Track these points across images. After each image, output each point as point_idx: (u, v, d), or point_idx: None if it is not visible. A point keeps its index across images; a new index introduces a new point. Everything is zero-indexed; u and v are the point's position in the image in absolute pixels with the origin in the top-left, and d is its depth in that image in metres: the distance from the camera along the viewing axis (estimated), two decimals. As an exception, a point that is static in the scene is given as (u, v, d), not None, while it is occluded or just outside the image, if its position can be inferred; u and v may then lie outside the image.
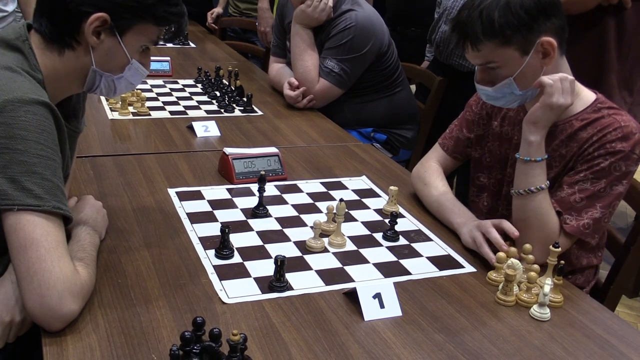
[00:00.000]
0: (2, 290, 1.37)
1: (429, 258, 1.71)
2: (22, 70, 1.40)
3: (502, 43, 1.66)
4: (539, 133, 1.69)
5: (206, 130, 2.51)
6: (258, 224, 1.81)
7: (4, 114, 1.29)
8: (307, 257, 1.66)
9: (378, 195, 2.07)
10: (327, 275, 1.58)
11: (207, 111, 2.80)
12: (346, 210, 1.74)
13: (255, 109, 2.88)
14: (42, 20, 1.45)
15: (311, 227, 1.77)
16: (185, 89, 3.13)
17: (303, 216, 1.88)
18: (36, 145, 1.31)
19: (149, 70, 1.61)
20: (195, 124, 2.51)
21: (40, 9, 1.46)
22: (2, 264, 1.44)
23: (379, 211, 1.96)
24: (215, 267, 1.57)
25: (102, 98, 2.79)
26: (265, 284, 1.51)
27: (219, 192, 1.99)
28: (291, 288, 1.51)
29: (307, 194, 2.04)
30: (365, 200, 2.03)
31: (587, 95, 1.79)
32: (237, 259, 1.61)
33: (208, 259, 1.60)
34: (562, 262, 1.53)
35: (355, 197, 2.05)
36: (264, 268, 1.58)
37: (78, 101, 1.67)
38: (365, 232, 1.82)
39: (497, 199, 1.99)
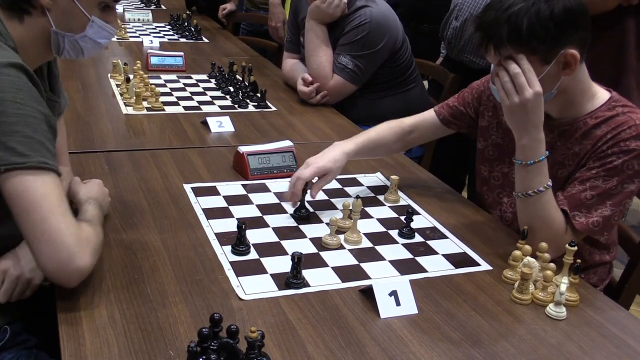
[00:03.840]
0: (16, 250, 1.43)
1: (444, 255, 1.71)
2: None
3: (525, 51, 1.61)
4: (527, 136, 1.66)
5: (220, 125, 2.51)
6: (273, 220, 1.81)
7: None
8: (323, 254, 1.66)
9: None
10: (343, 272, 1.58)
11: (221, 106, 2.81)
12: (362, 207, 1.74)
13: (269, 104, 2.88)
14: None
15: (327, 224, 1.77)
16: (199, 84, 3.14)
17: (318, 212, 1.88)
18: (13, 104, 1.31)
19: (117, 28, 1.62)
20: (209, 120, 2.52)
21: None
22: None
23: (394, 208, 1.96)
24: (231, 263, 1.57)
25: (117, 93, 2.80)
26: (282, 280, 1.51)
27: (234, 187, 1.99)
28: (308, 285, 1.51)
29: (322, 190, 2.03)
30: (380, 197, 2.02)
31: (602, 94, 1.78)
32: (253, 255, 1.62)
33: (224, 254, 1.60)
34: (579, 260, 1.53)
35: (370, 193, 2.05)
36: (281, 264, 1.58)
37: (51, 75, 1.69)
38: (381, 229, 1.82)
39: (500, 193, 1.97)
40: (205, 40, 4.24)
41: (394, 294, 1.45)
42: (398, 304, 1.45)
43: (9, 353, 1.48)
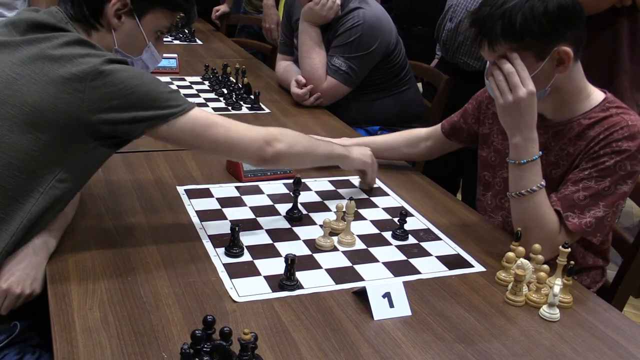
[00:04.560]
0: (18, 266, 1.46)
1: (438, 257, 1.71)
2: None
3: (519, 47, 1.63)
4: (519, 135, 1.67)
5: (214, 127, 2.50)
6: (267, 222, 1.81)
7: (104, 70, 1.44)
8: (317, 256, 1.66)
9: (386, 194, 2.07)
10: (337, 274, 1.58)
11: (214, 108, 2.81)
12: (355, 209, 1.74)
13: (263, 106, 2.88)
14: (66, 5, 1.57)
15: (320, 226, 1.77)
16: (193, 86, 3.13)
17: (312, 214, 1.88)
18: (141, 75, 1.50)
19: (162, 56, 1.76)
20: (203, 122, 2.51)
21: None
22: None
23: (388, 210, 1.96)
24: (225, 265, 1.57)
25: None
26: (275, 282, 1.51)
27: (228, 190, 1.99)
28: (301, 287, 1.51)
29: (316, 192, 2.04)
30: (373, 199, 2.03)
31: (596, 95, 1.78)
32: (247, 257, 1.62)
33: (218, 257, 1.60)
34: (572, 262, 1.53)
35: (363, 195, 2.05)
36: (274, 266, 1.58)
37: None
38: (375, 230, 1.82)
39: (502, 198, 1.98)
40: (199, 42, 4.24)
41: (387, 295, 1.45)
42: (391, 305, 1.45)
43: (14, 349, 1.49)
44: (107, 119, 1.46)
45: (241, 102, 2.88)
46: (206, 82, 3.20)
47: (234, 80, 3.08)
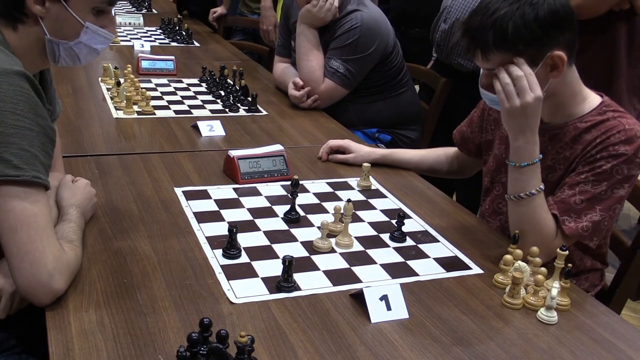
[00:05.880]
0: (5, 264, 1.41)
1: (435, 259, 1.71)
2: None
3: (512, 55, 1.62)
4: (522, 138, 1.67)
5: (211, 129, 2.50)
6: (264, 223, 1.80)
7: None
8: (314, 258, 1.65)
9: (384, 196, 2.07)
10: (335, 276, 1.58)
11: (211, 110, 2.80)
12: (353, 210, 1.74)
13: (260, 108, 2.87)
14: None
15: (318, 228, 1.76)
16: (190, 88, 3.13)
17: (309, 216, 1.87)
18: (12, 115, 1.32)
19: (115, 33, 1.60)
20: (200, 124, 2.51)
21: None
22: None
23: (385, 211, 1.95)
24: (222, 266, 1.56)
25: (107, 97, 2.79)
26: (273, 284, 1.50)
27: (225, 191, 1.99)
28: (299, 288, 1.50)
29: (314, 194, 2.03)
30: (371, 201, 2.02)
31: (593, 99, 1.78)
32: (244, 258, 1.61)
33: (215, 258, 1.60)
34: (570, 265, 1.52)
35: (361, 197, 2.05)
36: (272, 268, 1.57)
37: (44, 82, 1.68)
38: (372, 232, 1.82)
39: (500, 203, 1.98)
40: (197, 44, 4.23)
41: (384, 298, 1.45)
42: (389, 308, 1.44)
43: None
44: None
45: (238, 104, 2.87)
46: (203, 84, 3.19)
47: (232, 82, 3.07)
